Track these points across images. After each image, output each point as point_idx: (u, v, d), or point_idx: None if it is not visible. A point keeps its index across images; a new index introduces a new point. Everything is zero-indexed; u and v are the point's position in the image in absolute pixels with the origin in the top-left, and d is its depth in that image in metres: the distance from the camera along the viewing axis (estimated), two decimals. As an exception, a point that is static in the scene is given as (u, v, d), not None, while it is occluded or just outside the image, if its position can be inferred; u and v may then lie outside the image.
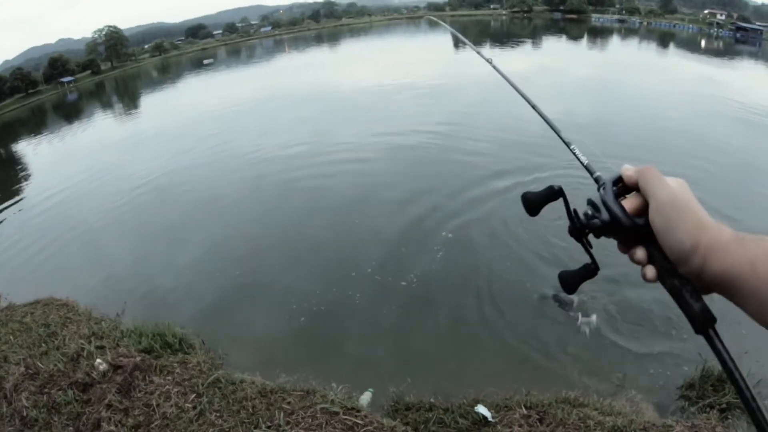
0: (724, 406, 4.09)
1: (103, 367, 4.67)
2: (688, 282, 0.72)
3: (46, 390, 4.66)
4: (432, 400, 4.12)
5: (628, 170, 0.80)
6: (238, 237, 7.81)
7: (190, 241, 7.82)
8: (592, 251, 0.87)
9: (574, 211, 0.86)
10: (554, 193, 0.90)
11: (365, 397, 4.20)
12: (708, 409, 4.03)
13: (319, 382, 4.07)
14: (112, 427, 4.08)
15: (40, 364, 4.94)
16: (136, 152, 14.42)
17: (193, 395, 4.12)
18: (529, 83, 13.82)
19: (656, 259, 0.76)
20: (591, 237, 0.87)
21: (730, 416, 4.01)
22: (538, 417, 3.77)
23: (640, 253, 0.77)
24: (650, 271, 0.75)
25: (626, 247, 0.80)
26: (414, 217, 8.08)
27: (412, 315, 5.74)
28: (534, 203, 0.91)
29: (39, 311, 6.15)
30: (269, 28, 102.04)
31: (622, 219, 0.78)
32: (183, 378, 4.32)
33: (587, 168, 0.94)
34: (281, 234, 7.78)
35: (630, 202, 0.79)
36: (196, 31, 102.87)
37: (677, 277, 0.73)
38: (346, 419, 3.57)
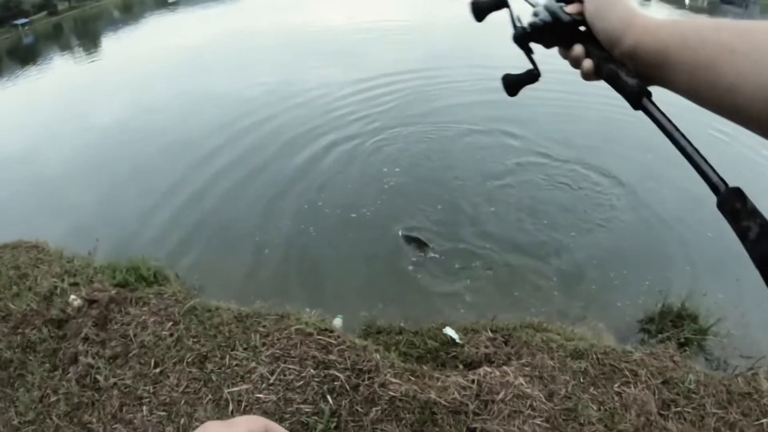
0: (682, 340, 4.51)
1: (77, 302, 4.80)
2: (623, 65, 0.80)
3: (19, 330, 4.79)
4: (402, 324, 4.43)
5: None
6: (204, 179, 8.05)
7: (158, 185, 7.99)
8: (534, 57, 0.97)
9: (518, 17, 0.95)
10: (499, 2, 0.98)
11: (336, 323, 4.44)
12: (666, 341, 4.39)
13: (293, 307, 4.25)
14: (90, 359, 4.26)
15: (12, 306, 5.05)
16: (100, 99, 13.98)
17: (170, 323, 4.35)
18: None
19: (593, 52, 0.84)
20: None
21: (687, 349, 4.44)
22: (503, 339, 4.11)
23: (578, 48, 0.85)
24: (587, 63, 0.84)
25: (566, 47, 0.88)
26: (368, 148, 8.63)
27: (369, 245, 6.15)
28: (480, 9, 0.99)
29: (8, 254, 6.19)
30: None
31: (561, 15, 0.87)
32: (159, 308, 4.55)
33: (531, 3, 0.97)
34: (248, 175, 8.09)
35: (570, 8, 0.88)
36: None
37: (613, 62, 0.81)
38: (320, 339, 3.81)
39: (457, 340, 4.07)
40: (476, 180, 7.63)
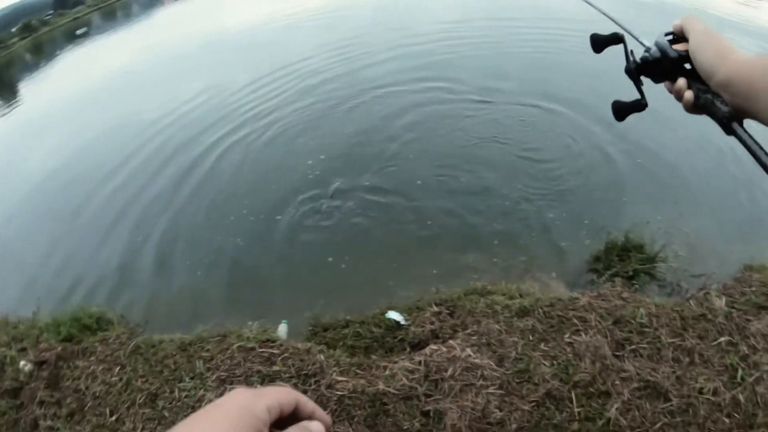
0: (630, 273, 4.48)
1: (27, 367, 4.69)
2: (718, 95, 0.90)
3: (-22, 409, 4.60)
4: (348, 317, 4.34)
5: (676, 21, 1.03)
6: (136, 213, 7.73)
7: (96, 224, 7.69)
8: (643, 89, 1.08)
9: (631, 52, 1.08)
10: (616, 38, 1.13)
11: (281, 330, 4.37)
12: (614, 278, 4.34)
13: (234, 323, 4.19)
14: (49, 422, 4.19)
15: (-34, 386, 4.84)
16: (28, 146, 13.48)
17: (118, 368, 4.28)
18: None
19: (693, 85, 0.96)
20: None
21: (636, 281, 4.41)
22: (448, 312, 4.06)
23: (681, 81, 0.98)
24: (688, 94, 0.96)
25: (672, 80, 1.01)
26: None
27: (299, 245, 6.00)
28: (599, 43, 1.15)
29: (-47, 333, 5.96)
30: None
31: (669, 51, 1.00)
32: (105, 354, 4.47)
33: (643, 44, 1.11)
34: (173, 198, 7.84)
35: (678, 46, 1.01)
36: (64, 0, 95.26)
37: (709, 93, 0.92)
38: (262, 352, 3.75)
39: (402, 322, 4.00)
40: (396, 146, 7.50)
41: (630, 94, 1.11)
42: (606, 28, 1.19)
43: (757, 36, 9.69)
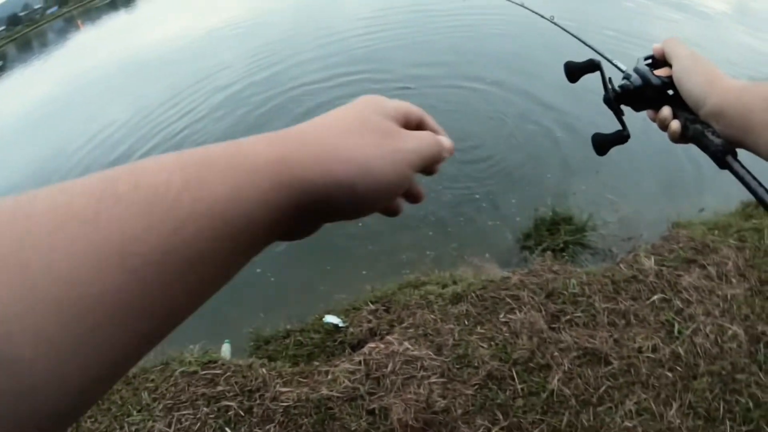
0: (561, 245, 4.61)
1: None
2: (709, 125, 0.85)
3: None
4: (288, 326, 4.31)
5: (656, 44, 0.98)
6: None
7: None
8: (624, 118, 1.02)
9: (609, 79, 1.01)
10: (592, 66, 1.04)
11: (225, 349, 4.31)
12: (544, 253, 4.45)
13: (176, 349, 4.10)
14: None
15: None
16: None
17: (64, 412, 4.05)
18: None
19: (680, 114, 0.90)
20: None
21: (566, 253, 4.54)
22: (384, 308, 4.09)
23: (666, 110, 0.92)
24: (675, 124, 0.90)
25: (655, 109, 0.96)
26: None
27: None
28: (574, 72, 1.06)
29: None
30: (56, 8, 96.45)
31: (651, 78, 0.94)
32: None
33: (620, 68, 1.07)
34: None
35: (660, 71, 0.95)
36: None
37: (699, 123, 0.86)
38: (205, 374, 3.72)
39: (340, 325, 4.02)
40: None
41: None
42: (538, 27, 1.15)
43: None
